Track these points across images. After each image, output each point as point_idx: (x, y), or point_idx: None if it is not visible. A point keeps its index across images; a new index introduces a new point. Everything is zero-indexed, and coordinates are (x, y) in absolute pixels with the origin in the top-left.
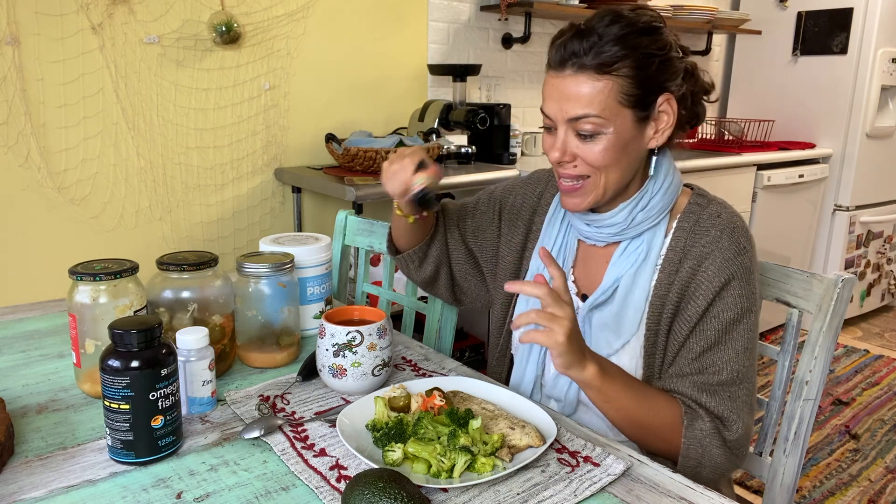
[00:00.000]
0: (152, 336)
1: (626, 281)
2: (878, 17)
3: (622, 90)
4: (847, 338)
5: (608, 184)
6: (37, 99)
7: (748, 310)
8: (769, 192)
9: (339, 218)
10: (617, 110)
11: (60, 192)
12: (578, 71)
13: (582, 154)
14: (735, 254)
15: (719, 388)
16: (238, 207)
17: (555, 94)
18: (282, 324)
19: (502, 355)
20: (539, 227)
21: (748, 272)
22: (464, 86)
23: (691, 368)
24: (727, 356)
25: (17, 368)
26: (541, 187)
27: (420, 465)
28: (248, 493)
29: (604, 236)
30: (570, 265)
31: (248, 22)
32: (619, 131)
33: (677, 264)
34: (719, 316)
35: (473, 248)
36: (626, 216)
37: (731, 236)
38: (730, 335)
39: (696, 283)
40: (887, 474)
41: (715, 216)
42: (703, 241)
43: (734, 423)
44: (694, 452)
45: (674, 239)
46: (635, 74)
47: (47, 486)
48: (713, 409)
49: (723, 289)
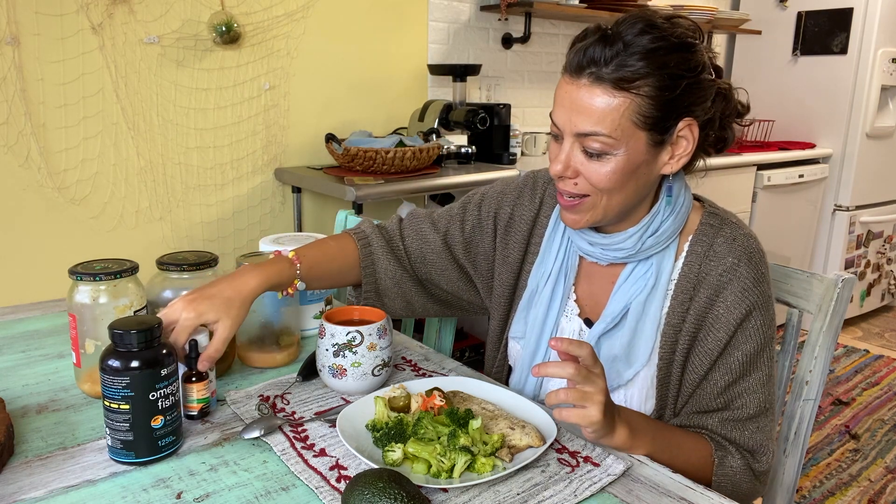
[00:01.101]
0: (152, 336)
1: (636, 308)
2: (878, 17)
3: (639, 110)
4: (847, 338)
5: (609, 207)
6: (37, 99)
7: (770, 338)
8: (769, 192)
9: (339, 218)
10: (631, 132)
11: (60, 192)
12: (595, 82)
13: (586, 173)
14: (754, 283)
15: (747, 422)
16: (238, 207)
17: (566, 101)
18: (282, 324)
19: (501, 367)
20: (538, 243)
21: (767, 300)
22: (464, 86)
23: (717, 404)
24: (752, 388)
25: (17, 368)
26: (539, 195)
27: (420, 465)
28: (248, 493)
29: (608, 258)
30: (572, 283)
31: (248, 22)
32: (629, 154)
33: (691, 292)
34: (741, 348)
35: (465, 263)
36: (634, 242)
37: (749, 263)
38: (754, 366)
39: (715, 315)
40: (887, 474)
41: (730, 240)
42: (720, 269)
43: (763, 454)
44: (725, 490)
45: (686, 264)
46: (657, 95)
47: (47, 486)
48: (743, 444)
49: (744, 320)
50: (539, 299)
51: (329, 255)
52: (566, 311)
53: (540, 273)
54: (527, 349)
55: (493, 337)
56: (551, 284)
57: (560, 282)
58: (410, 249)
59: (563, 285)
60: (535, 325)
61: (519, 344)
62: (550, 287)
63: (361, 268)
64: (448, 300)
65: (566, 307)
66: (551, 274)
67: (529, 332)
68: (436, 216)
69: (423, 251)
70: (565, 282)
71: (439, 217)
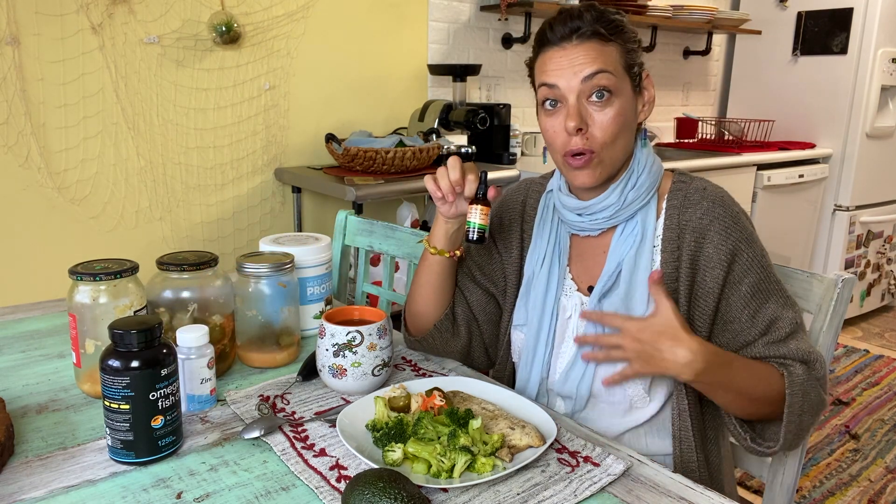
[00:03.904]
0: (152, 336)
1: (629, 263)
2: (878, 17)
3: (622, 57)
4: (847, 338)
5: (612, 159)
6: (37, 99)
7: (767, 265)
8: (769, 192)
9: (339, 218)
10: (621, 75)
11: (60, 192)
12: (585, 40)
13: (593, 123)
14: (733, 220)
15: (788, 339)
16: (238, 207)
17: (563, 63)
18: (282, 324)
19: (502, 365)
20: (530, 233)
21: (750, 234)
22: (464, 86)
23: (754, 334)
24: (777, 311)
25: (17, 368)
26: (522, 195)
27: (420, 465)
28: (248, 493)
29: (598, 223)
30: (566, 263)
31: (248, 22)
32: (623, 99)
33: (677, 241)
34: (745, 281)
35: (486, 284)
36: (618, 196)
37: (723, 205)
38: (767, 293)
39: (706, 256)
40: (887, 474)
41: (701, 189)
42: (698, 213)
43: (816, 360)
44: (798, 404)
45: (667, 217)
46: (629, 48)
47: (47, 486)
48: (796, 356)
49: (735, 255)
50: (536, 283)
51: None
52: (565, 289)
53: (534, 259)
54: (529, 334)
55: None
56: (546, 267)
57: (555, 263)
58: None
59: (559, 266)
60: (535, 308)
61: (522, 332)
62: (546, 269)
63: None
64: (485, 345)
65: (564, 286)
66: (545, 257)
67: (531, 316)
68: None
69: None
70: (560, 262)
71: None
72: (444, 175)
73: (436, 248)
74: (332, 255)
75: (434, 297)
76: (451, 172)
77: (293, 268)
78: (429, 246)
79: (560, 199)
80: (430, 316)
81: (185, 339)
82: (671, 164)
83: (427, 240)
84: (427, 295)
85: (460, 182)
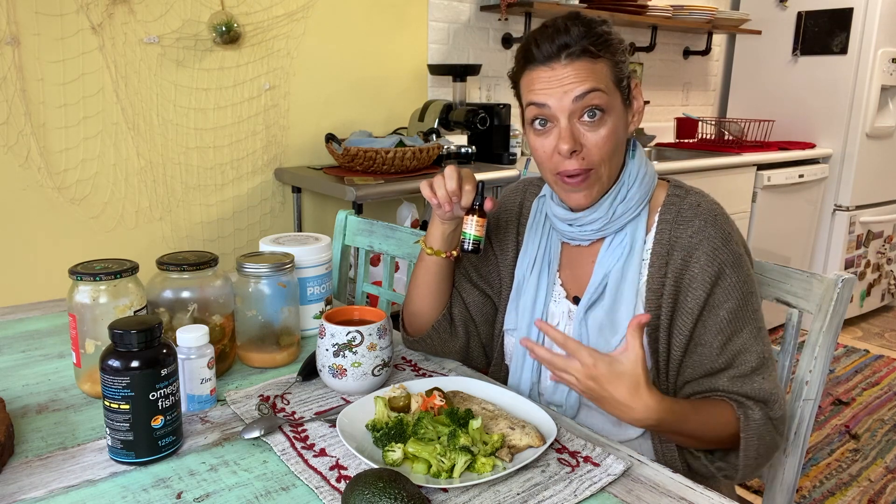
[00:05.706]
0: (152, 336)
1: (615, 276)
2: (878, 17)
3: (612, 72)
4: (847, 338)
5: (608, 175)
6: (37, 99)
7: (749, 292)
8: (769, 192)
9: (339, 218)
10: (612, 91)
11: (60, 192)
12: (574, 59)
13: (587, 143)
14: (723, 242)
15: (753, 374)
16: (238, 207)
17: (553, 83)
18: (282, 324)
19: (497, 367)
20: (524, 236)
21: (739, 258)
22: (464, 86)
23: (720, 363)
24: (748, 342)
25: (17, 368)
26: (519, 197)
27: (420, 465)
28: (248, 493)
29: (587, 234)
30: (556, 269)
31: (248, 22)
32: (615, 115)
33: (666, 257)
34: (724, 306)
35: (482, 285)
36: (606, 210)
37: (715, 225)
38: (742, 322)
39: (691, 276)
40: (887, 474)
41: (695, 206)
42: (689, 231)
43: (775, 401)
44: (753, 447)
45: (658, 232)
46: (618, 60)
47: (47, 486)
48: (756, 396)
49: (718, 278)
50: (526, 287)
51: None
52: (554, 295)
53: (524, 264)
54: (519, 339)
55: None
56: (536, 272)
57: (545, 269)
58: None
59: (548, 272)
60: (524, 314)
61: (513, 337)
62: (536, 275)
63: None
64: (482, 345)
65: (553, 292)
66: (535, 262)
67: (521, 321)
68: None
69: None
70: (549, 268)
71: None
72: (441, 185)
73: (432, 249)
74: (332, 255)
75: (431, 297)
76: (448, 182)
77: (293, 268)
78: (425, 246)
79: (551, 208)
80: (428, 316)
81: (185, 339)
82: (671, 165)
83: (423, 240)
84: (424, 295)
85: (457, 193)
